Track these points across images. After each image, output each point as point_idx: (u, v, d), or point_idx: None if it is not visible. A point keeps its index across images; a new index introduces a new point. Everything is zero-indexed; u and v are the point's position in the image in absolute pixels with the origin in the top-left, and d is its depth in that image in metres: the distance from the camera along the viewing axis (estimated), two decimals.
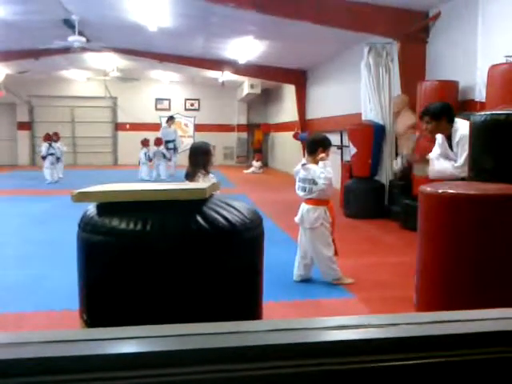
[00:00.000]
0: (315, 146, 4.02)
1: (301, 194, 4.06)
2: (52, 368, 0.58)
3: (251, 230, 1.56)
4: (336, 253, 4.06)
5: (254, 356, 0.62)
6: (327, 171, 3.90)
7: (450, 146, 3.82)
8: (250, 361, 0.62)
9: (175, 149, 13.74)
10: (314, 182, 3.93)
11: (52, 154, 12.03)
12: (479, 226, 2.50)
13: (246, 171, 15.78)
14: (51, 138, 12.36)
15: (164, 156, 12.98)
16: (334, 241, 4.05)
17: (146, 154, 12.78)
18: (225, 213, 1.53)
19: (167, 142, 13.52)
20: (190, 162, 3.69)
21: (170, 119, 14.09)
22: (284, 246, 5.36)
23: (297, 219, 4.11)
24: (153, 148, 12.99)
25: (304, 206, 4.06)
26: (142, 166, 12.72)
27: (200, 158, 3.64)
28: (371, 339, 0.66)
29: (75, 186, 1.79)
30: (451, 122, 3.76)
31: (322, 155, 3.98)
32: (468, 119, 3.45)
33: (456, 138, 3.73)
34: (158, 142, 13.13)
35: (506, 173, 2.87)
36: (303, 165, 4.05)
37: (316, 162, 3.98)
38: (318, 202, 3.99)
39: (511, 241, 2.53)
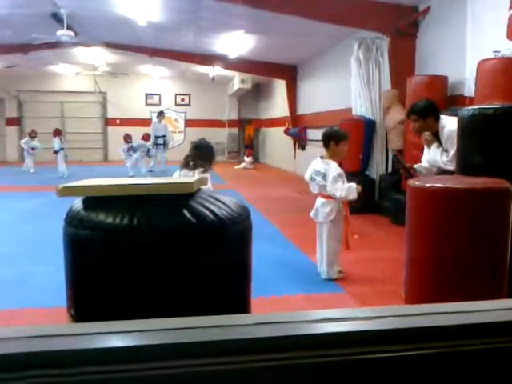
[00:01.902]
0: (328, 140, 4.03)
1: (314, 187, 4.06)
2: (39, 362, 0.58)
3: (239, 223, 1.56)
4: (347, 246, 4.05)
5: (242, 349, 0.62)
6: (342, 188, 3.83)
7: (440, 143, 3.85)
8: (238, 354, 0.62)
9: (165, 144, 13.67)
10: (324, 177, 3.93)
11: (63, 149, 12.33)
12: (466, 220, 2.52)
13: (237, 167, 15.77)
14: (61, 132, 12.56)
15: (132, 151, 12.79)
16: (346, 234, 4.06)
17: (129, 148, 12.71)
18: (212, 207, 1.52)
19: (157, 137, 13.44)
20: (197, 155, 3.95)
21: (160, 114, 14.02)
22: (274, 241, 5.38)
23: (312, 214, 4.12)
24: (127, 145, 12.78)
25: (319, 200, 4.08)
26: (140, 161, 12.70)
27: (207, 156, 4.04)
28: (358, 331, 0.66)
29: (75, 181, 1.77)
30: (437, 119, 3.80)
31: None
32: (456, 114, 3.48)
33: (444, 135, 3.76)
34: (127, 138, 12.99)
35: (494, 167, 2.90)
36: (321, 157, 4.05)
37: (332, 157, 4.00)
38: (330, 196, 3.99)
39: (498, 233, 2.55)
